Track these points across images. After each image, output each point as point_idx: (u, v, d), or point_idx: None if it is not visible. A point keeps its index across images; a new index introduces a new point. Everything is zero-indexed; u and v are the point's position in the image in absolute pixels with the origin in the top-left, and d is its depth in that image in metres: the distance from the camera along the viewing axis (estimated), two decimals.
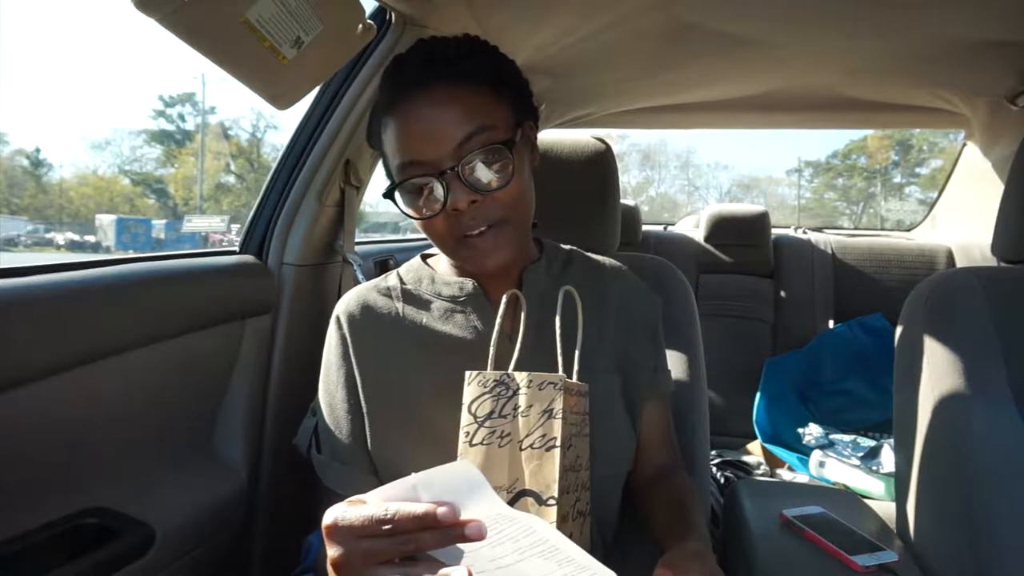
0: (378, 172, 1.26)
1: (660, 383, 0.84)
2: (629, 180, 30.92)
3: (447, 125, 0.67)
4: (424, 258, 0.85)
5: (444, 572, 0.44)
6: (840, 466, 1.61)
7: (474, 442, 0.61)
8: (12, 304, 0.68)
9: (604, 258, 0.89)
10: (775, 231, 2.32)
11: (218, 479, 0.97)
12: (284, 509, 1.09)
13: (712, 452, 1.78)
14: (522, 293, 0.75)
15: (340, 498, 0.72)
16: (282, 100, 0.87)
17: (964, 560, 0.74)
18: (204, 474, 0.96)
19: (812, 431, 1.81)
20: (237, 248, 1.13)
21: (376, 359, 0.76)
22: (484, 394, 0.63)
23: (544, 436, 0.60)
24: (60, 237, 20.93)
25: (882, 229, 2.98)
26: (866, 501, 1.04)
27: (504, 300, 0.71)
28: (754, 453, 1.89)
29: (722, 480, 1.64)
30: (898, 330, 0.93)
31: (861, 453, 1.64)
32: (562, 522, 0.58)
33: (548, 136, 1.08)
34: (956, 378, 0.80)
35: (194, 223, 21.71)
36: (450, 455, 0.64)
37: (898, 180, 26.71)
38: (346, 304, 0.80)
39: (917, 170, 25.60)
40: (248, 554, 1.06)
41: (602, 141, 1.08)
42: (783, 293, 2.19)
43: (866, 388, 1.92)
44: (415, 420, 0.74)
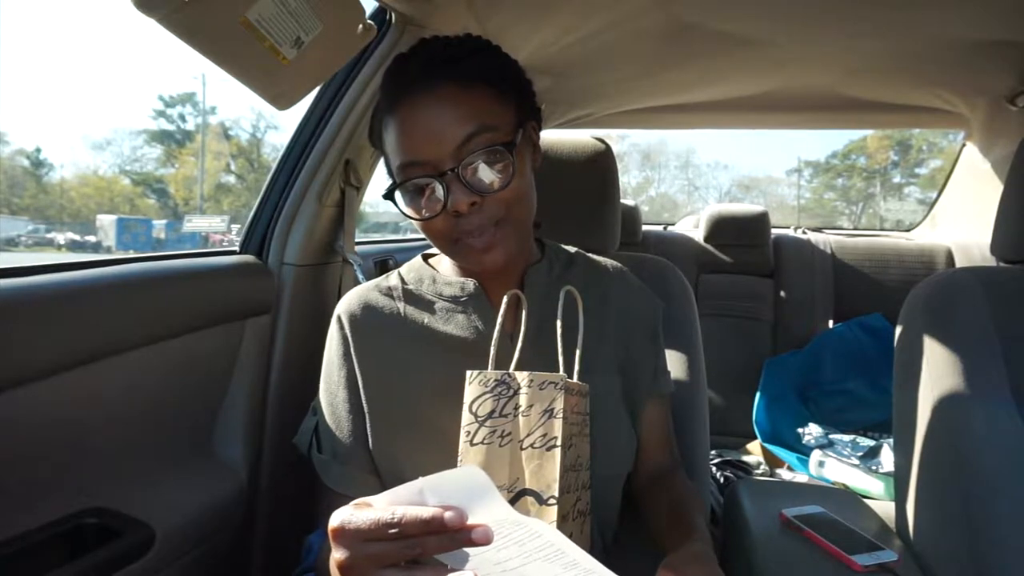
0: (378, 172, 1.26)
1: (660, 384, 0.84)
2: (629, 180, 31.00)
3: (448, 125, 0.66)
4: (425, 258, 0.85)
5: None
6: (840, 466, 1.61)
7: (475, 441, 0.61)
8: (12, 304, 0.68)
9: (606, 259, 0.89)
10: (775, 231, 2.32)
11: (218, 479, 0.97)
12: (284, 509, 1.09)
13: (712, 452, 1.78)
14: (524, 293, 0.75)
15: (341, 498, 0.73)
16: (282, 100, 0.87)
17: (964, 560, 0.74)
18: (204, 474, 0.96)
19: (812, 431, 1.82)
20: (237, 248, 1.13)
21: (377, 359, 0.76)
22: (485, 393, 0.63)
23: (545, 436, 0.60)
24: (61, 237, 20.92)
25: (882, 229, 2.97)
26: (866, 501, 1.04)
27: (505, 300, 0.71)
28: (754, 453, 1.89)
29: (722, 480, 1.64)
30: (898, 330, 0.93)
31: (861, 453, 1.64)
32: (562, 522, 0.58)
33: (548, 136, 1.08)
34: (956, 378, 0.80)
35: (194, 223, 21.72)
36: (451, 454, 0.64)
37: (897, 180, 26.74)
38: (347, 304, 0.79)
39: (916, 170, 25.64)
40: (248, 554, 1.06)
41: (602, 141, 1.08)
42: (783, 293, 2.19)
43: (866, 388, 1.92)
44: (416, 420, 0.74)
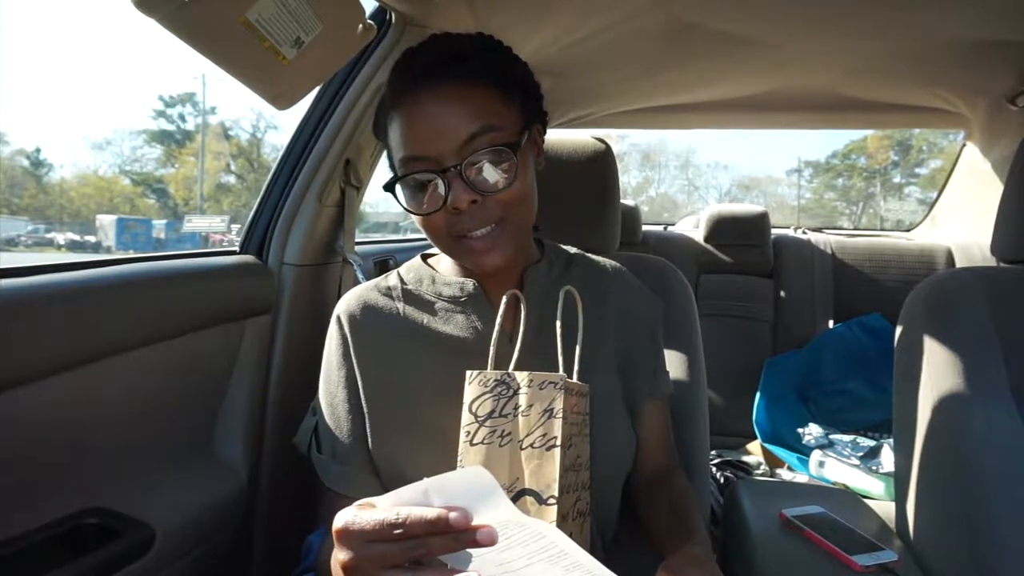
0: (378, 172, 1.26)
1: (659, 385, 0.84)
2: (629, 180, 30.97)
3: (452, 123, 0.66)
4: (424, 258, 0.85)
5: None
6: (840, 466, 1.61)
7: (475, 441, 0.61)
8: (12, 304, 0.68)
9: (606, 260, 0.89)
10: (775, 231, 2.32)
11: (218, 479, 0.97)
12: (284, 509, 1.09)
13: (712, 452, 1.78)
14: (523, 293, 0.75)
15: (341, 498, 0.73)
16: (282, 100, 0.87)
17: (964, 560, 0.74)
18: (204, 474, 0.96)
19: (812, 431, 1.81)
20: (237, 248, 1.13)
21: (377, 359, 0.76)
22: (485, 394, 0.63)
23: (544, 435, 0.60)
24: (60, 237, 20.91)
25: (882, 229, 2.97)
26: (866, 501, 1.04)
27: (504, 300, 0.71)
28: (754, 453, 1.89)
29: (722, 480, 1.64)
30: (898, 330, 0.93)
31: (861, 453, 1.64)
32: (562, 521, 0.58)
33: (548, 136, 1.07)
34: (956, 378, 0.80)
35: (194, 223, 21.71)
36: (450, 454, 0.64)
37: (898, 180, 26.73)
38: (347, 304, 0.79)
39: (917, 170, 25.62)
40: (248, 554, 1.06)
41: (602, 141, 1.08)
42: (783, 293, 2.19)
43: (866, 388, 1.92)
44: (415, 420, 0.74)
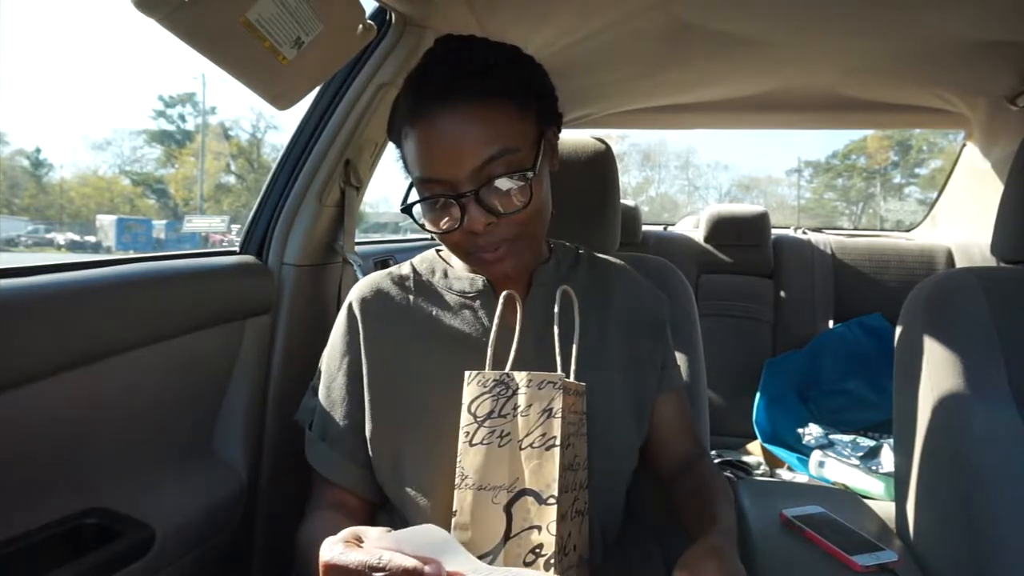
0: (378, 172, 1.26)
1: (670, 379, 0.85)
2: (629, 180, 30.96)
3: (469, 147, 0.65)
4: (438, 251, 0.86)
5: None
6: (840, 466, 1.61)
7: (474, 442, 0.61)
8: (12, 304, 0.68)
9: (611, 258, 0.89)
10: (775, 231, 2.32)
11: (218, 479, 0.97)
12: (284, 509, 1.09)
13: (712, 452, 1.78)
14: (531, 292, 0.77)
15: (327, 485, 0.77)
16: (282, 100, 0.87)
17: (964, 560, 0.74)
18: (204, 474, 0.96)
19: (812, 431, 1.81)
20: (237, 248, 1.13)
21: (384, 346, 0.77)
22: (484, 394, 0.63)
23: (544, 435, 0.60)
24: (60, 237, 20.91)
25: (882, 229, 2.97)
26: (866, 501, 1.04)
27: (502, 300, 0.71)
28: (754, 453, 1.89)
29: None
30: (898, 330, 0.93)
31: (861, 453, 1.64)
32: (561, 521, 0.58)
33: None
34: (956, 378, 0.80)
35: (194, 223, 21.71)
36: (447, 446, 0.65)
37: (897, 180, 26.72)
38: (360, 291, 0.81)
39: (916, 170, 25.61)
40: (248, 554, 1.06)
41: (602, 141, 1.08)
42: (783, 293, 2.19)
43: (866, 388, 1.92)
44: (415, 409, 0.74)
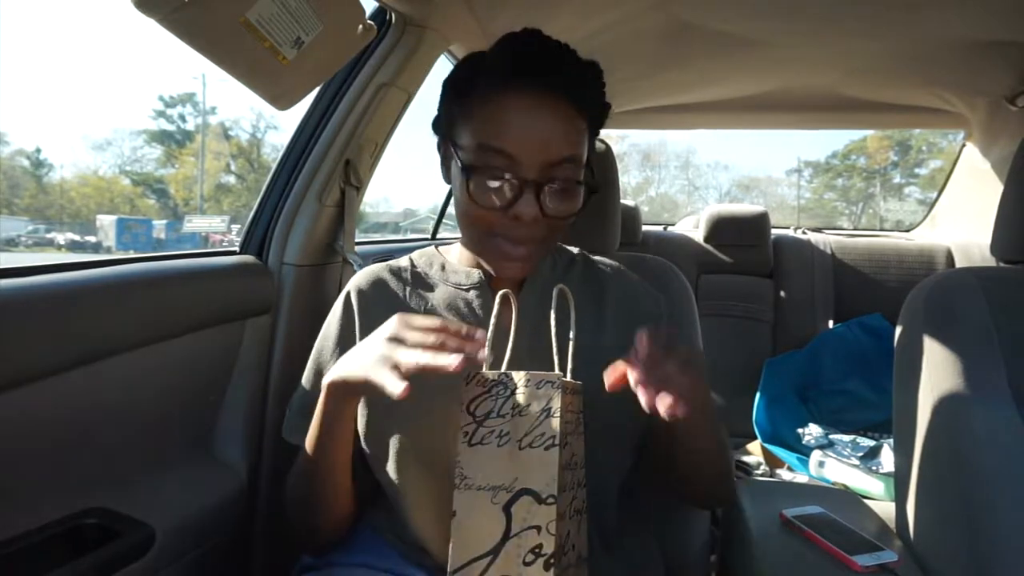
0: (378, 172, 1.26)
1: None
2: (629, 180, 30.94)
3: (556, 140, 0.67)
4: (438, 246, 0.87)
5: None
6: (840, 466, 1.61)
7: (473, 442, 0.61)
8: (12, 304, 0.68)
9: (606, 259, 0.90)
10: (775, 231, 2.32)
11: (218, 479, 0.97)
12: (284, 509, 1.09)
13: None
14: (525, 290, 0.77)
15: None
16: (282, 100, 0.87)
17: (964, 560, 0.74)
18: (204, 474, 0.96)
19: (812, 431, 1.81)
20: (237, 248, 1.13)
21: None
22: (483, 394, 0.63)
23: (543, 435, 0.60)
24: (61, 237, 20.89)
25: (881, 229, 2.97)
26: (866, 501, 1.04)
27: (497, 301, 0.71)
28: (754, 453, 1.89)
29: None
30: (897, 330, 0.93)
31: (861, 453, 1.64)
32: (560, 520, 0.58)
33: None
34: (955, 378, 0.80)
35: (194, 223, 21.70)
36: (442, 438, 0.67)
37: (897, 180, 26.72)
38: (357, 282, 0.82)
39: (916, 170, 25.61)
40: (248, 554, 1.06)
41: (602, 141, 1.08)
42: (783, 293, 2.19)
43: (866, 388, 1.92)
44: (411, 397, 0.74)
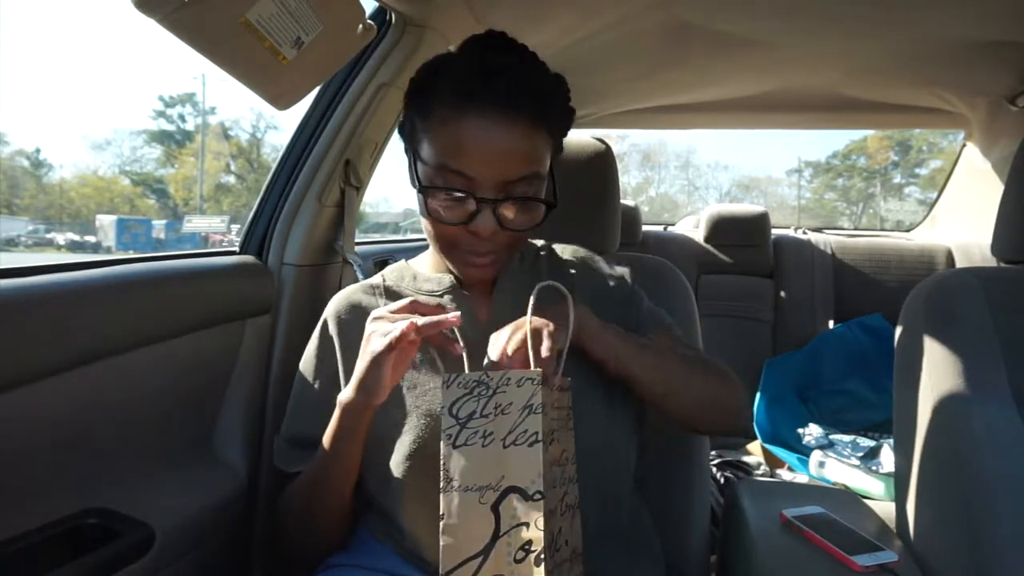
0: (378, 172, 1.26)
1: (652, 320, 0.86)
2: (629, 180, 30.98)
3: (512, 160, 0.68)
4: (407, 260, 0.88)
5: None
6: (840, 466, 1.61)
7: (457, 444, 0.61)
8: (12, 304, 0.68)
9: (574, 249, 0.91)
10: (775, 231, 2.32)
11: (218, 479, 0.97)
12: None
13: (712, 452, 1.78)
14: (497, 288, 0.80)
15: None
16: (282, 100, 0.87)
17: (964, 560, 0.74)
18: (204, 474, 0.96)
19: (812, 431, 1.81)
20: (237, 248, 1.13)
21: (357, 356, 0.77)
22: (465, 396, 0.62)
23: (526, 431, 0.60)
24: (60, 237, 20.90)
25: (882, 229, 2.97)
26: (866, 501, 1.04)
27: (468, 306, 0.73)
28: (754, 453, 1.89)
29: (722, 480, 1.64)
30: (898, 330, 0.93)
31: (861, 453, 1.64)
32: (550, 516, 0.58)
33: None
34: (956, 378, 0.80)
35: (194, 223, 21.70)
36: (430, 448, 0.66)
37: (898, 180, 26.72)
38: (335, 306, 0.83)
39: (917, 170, 25.62)
40: (248, 554, 1.06)
41: (602, 141, 1.08)
42: (783, 293, 2.19)
43: (866, 388, 1.92)
44: (396, 408, 0.75)
